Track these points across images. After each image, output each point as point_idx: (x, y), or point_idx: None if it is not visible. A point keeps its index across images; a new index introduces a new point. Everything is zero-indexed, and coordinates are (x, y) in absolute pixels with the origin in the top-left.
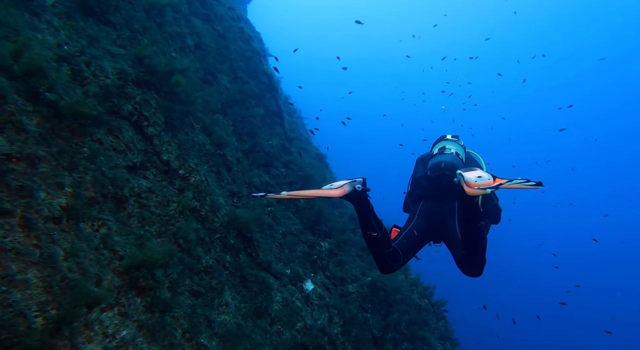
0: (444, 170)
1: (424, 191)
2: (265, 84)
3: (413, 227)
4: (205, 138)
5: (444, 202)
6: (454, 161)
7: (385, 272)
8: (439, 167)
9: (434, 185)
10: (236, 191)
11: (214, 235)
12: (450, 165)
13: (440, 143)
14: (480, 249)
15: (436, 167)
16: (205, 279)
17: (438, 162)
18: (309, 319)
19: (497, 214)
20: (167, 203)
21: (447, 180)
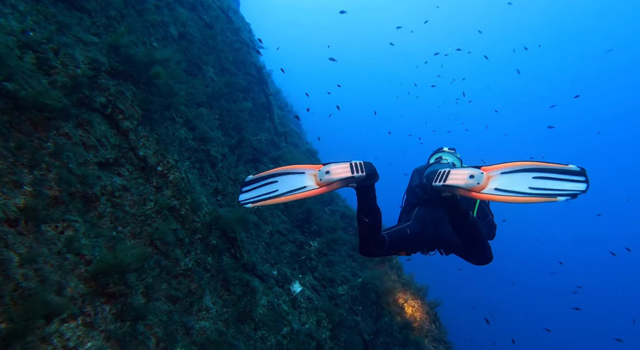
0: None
1: (418, 199)
2: (254, 76)
3: (407, 227)
4: (187, 132)
5: (438, 208)
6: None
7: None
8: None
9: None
10: (220, 189)
11: (195, 236)
12: None
13: (437, 154)
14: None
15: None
16: (183, 283)
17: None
18: (296, 323)
19: (492, 230)
20: (143, 202)
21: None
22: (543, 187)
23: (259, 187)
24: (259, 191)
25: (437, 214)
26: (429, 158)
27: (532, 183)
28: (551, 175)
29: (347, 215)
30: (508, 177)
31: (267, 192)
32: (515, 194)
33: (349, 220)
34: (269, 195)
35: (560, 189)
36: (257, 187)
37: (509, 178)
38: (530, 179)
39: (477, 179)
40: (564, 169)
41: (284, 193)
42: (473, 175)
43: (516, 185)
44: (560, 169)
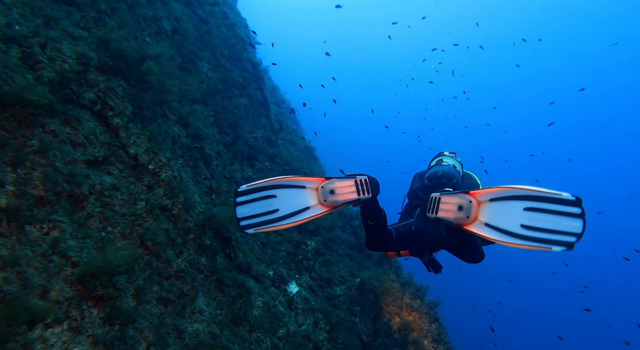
0: (440, 179)
1: (420, 201)
2: (250, 72)
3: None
4: (180, 130)
5: None
6: (451, 171)
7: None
8: (436, 175)
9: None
10: (215, 187)
11: (187, 236)
12: (447, 174)
13: (437, 158)
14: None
15: (434, 176)
16: (176, 285)
17: (435, 171)
18: (292, 324)
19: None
20: (133, 201)
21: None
22: (536, 227)
23: (255, 201)
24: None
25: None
26: (430, 162)
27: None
28: (544, 206)
29: (344, 213)
30: (498, 207)
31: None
32: (507, 235)
33: (346, 218)
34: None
35: (554, 229)
36: (253, 200)
37: (499, 208)
38: (522, 211)
39: (467, 211)
40: (557, 198)
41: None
42: (462, 207)
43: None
44: (553, 197)
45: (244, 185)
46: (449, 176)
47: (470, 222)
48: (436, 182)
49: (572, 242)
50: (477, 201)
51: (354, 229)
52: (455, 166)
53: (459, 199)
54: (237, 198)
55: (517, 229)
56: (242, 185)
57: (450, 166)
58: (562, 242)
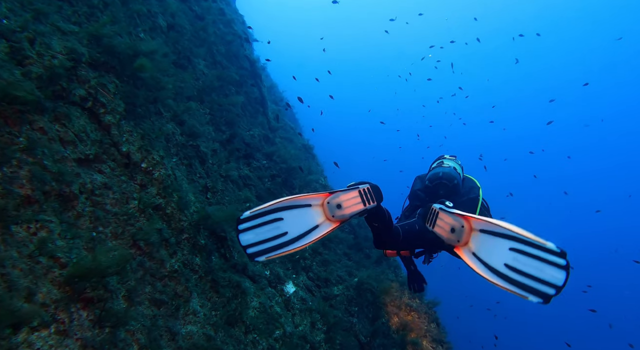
0: (441, 180)
1: (421, 202)
2: (247, 70)
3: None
4: (175, 127)
5: None
6: (452, 173)
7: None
8: (437, 176)
9: (432, 193)
10: (210, 186)
11: (181, 236)
12: (448, 175)
13: (438, 160)
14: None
15: (434, 177)
16: (169, 285)
17: (436, 172)
18: (289, 325)
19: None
20: (126, 200)
21: (444, 190)
22: (519, 270)
23: (260, 226)
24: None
25: None
26: (431, 165)
27: (509, 259)
28: (529, 250)
29: None
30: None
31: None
32: (490, 272)
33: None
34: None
35: (536, 276)
36: (258, 225)
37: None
38: (508, 250)
39: (458, 235)
40: (542, 246)
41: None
42: (454, 229)
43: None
44: (539, 245)
45: (247, 211)
46: (449, 177)
47: (461, 245)
48: (437, 183)
49: (550, 294)
50: (470, 227)
51: (353, 227)
52: (455, 168)
53: (453, 220)
54: (240, 225)
55: (501, 267)
56: (245, 212)
57: (451, 168)
58: (541, 292)
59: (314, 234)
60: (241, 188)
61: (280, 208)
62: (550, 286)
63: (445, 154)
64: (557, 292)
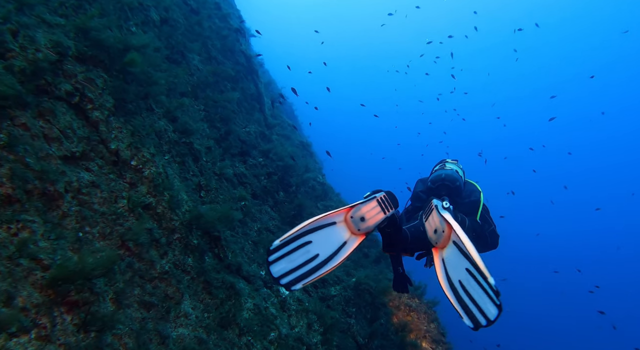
0: (444, 181)
1: (422, 203)
2: (243, 65)
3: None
4: (167, 124)
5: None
6: (454, 175)
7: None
8: (439, 178)
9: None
10: (204, 184)
11: (173, 236)
12: (450, 177)
13: (440, 163)
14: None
15: (437, 179)
16: (160, 287)
17: (439, 174)
18: (284, 327)
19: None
20: (114, 199)
21: (446, 191)
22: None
23: (291, 253)
24: (295, 260)
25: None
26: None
27: (463, 276)
28: (477, 277)
29: None
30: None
31: (308, 261)
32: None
33: None
34: (313, 264)
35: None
36: (288, 252)
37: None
38: (464, 270)
39: (438, 238)
40: (486, 279)
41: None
42: (436, 231)
43: (454, 269)
44: (484, 277)
45: (276, 240)
46: (452, 179)
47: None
48: (439, 184)
49: (481, 324)
50: (449, 235)
51: None
52: (457, 171)
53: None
54: (270, 256)
55: (456, 282)
56: (274, 242)
57: (453, 171)
58: (475, 318)
59: (343, 251)
60: (236, 186)
61: (307, 231)
62: (484, 317)
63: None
64: (488, 324)
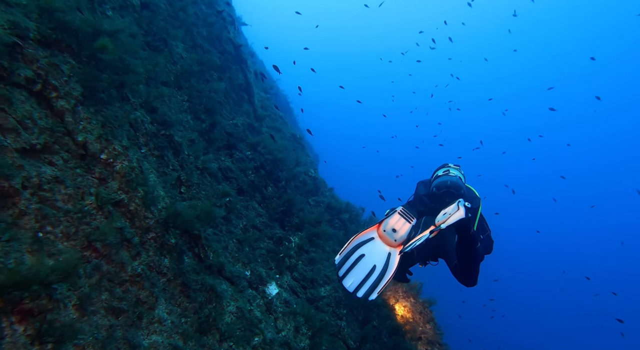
0: (449, 188)
1: (426, 207)
2: (231, 54)
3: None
4: (145, 115)
5: None
6: (459, 182)
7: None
8: (445, 184)
9: (438, 201)
10: (184, 179)
11: (147, 235)
12: (455, 184)
13: (443, 168)
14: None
15: (442, 185)
16: (131, 291)
17: (444, 180)
18: (269, 331)
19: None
20: (81, 196)
21: (450, 198)
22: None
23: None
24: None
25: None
26: (435, 172)
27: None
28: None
29: (333, 206)
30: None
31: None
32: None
33: (335, 211)
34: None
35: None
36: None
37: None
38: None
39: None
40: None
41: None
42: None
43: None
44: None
45: (337, 257)
46: (457, 187)
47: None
48: (444, 191)
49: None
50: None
51: (343, 222)
52: (460, 178)
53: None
54: (339, 272)
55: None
56: (335, 259)
57: (457, 178)
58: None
59: (391, 260)
60: (221, 181)
61: (357, 245)
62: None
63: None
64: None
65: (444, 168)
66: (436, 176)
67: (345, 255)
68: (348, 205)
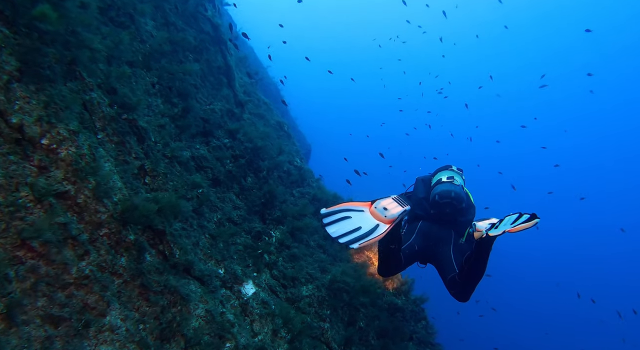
0: (452, 200)
1: (424, 212)
2: (209, 34)
3: (414, 243)
4: (102, 97)
5: (442, 227)
6: (462, 194)
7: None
8: (449, 195)
9: (439, 210)
10: (149, 168)
11: (98, 232)
12: (458, 197)
13: (446, 172)
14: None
15: (446, 195)
16: (77, 296)
17: (448, 190)
18: (243, 335)
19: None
20: (14, 187)
21: (451, 209)
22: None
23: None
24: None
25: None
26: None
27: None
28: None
29: (319, 198)
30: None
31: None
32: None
33: (321, 203)
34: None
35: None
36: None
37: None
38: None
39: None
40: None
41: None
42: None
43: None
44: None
45: (323, 209)
46: (459, 199)
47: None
48: (447, 201)
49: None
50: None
51: None
52: (463, 187)
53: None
54: (324, 220)
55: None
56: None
57: (460, 187)
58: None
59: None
60: (193, 171)
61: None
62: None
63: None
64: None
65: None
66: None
67: (333, 211)
68: (335, 197)
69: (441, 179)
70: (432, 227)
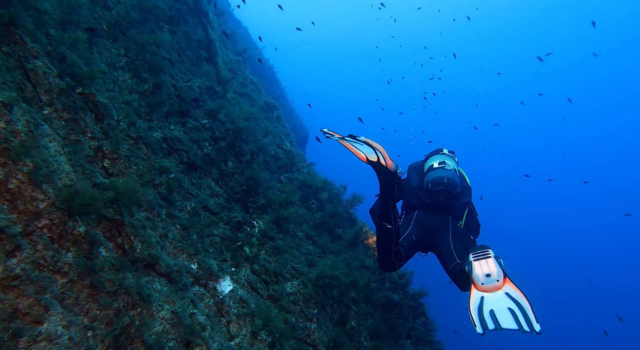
0: (446, 187)
1: (419, 202)
2: (187, 4)
3: (411, 233)
4: (49, 66)
5: (438, 214)
6: (455, 179)
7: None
8: (441, 182)
9: (432, 198)
10: (108, 150)
11: (36, 223)
12: (452, 182)
13: (438, 156)
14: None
15: (438, 182)
16: (3, 300)
17: (440, 177)
18: (216, 340)
19: (477, 229)
20: None
21: (445, 196)
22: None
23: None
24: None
25: (437, 220)
26: (427, 158)
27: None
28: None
29: (308, 184)
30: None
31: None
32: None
33: (311, 190)
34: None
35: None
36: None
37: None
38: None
39: (487, 281)
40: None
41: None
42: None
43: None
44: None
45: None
46: (453, 185)
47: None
48: (440, 189)
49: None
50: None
51: (321, 203)
52: (456, 170)
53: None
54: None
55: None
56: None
57: (453, 171)
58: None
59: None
60: (164, 154)
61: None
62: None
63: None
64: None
65: (438, 157)
66: (431, 167)
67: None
68: (325, 183)
69: (433, 164)
70: (429, 215)
